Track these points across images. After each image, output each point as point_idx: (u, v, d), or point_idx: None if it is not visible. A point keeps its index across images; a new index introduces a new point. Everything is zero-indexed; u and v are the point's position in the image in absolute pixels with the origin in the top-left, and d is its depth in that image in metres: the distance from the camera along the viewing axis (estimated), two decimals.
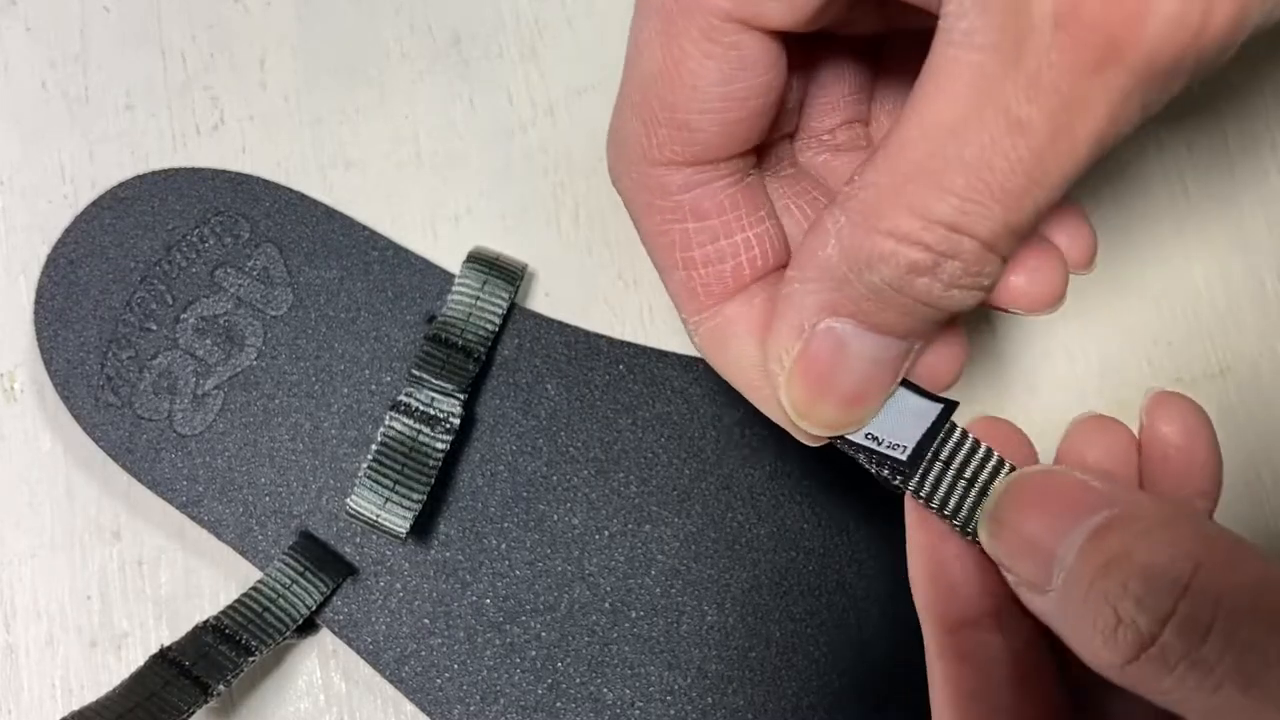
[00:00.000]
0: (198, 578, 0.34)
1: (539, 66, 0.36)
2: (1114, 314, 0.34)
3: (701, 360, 0.32)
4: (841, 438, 0.22)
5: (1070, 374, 0.33)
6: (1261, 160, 0.34)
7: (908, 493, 0.22)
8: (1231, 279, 0.34)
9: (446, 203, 0.36)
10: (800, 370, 0.21)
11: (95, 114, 0.37)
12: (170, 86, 0.37)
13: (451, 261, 0.34)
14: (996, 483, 0.21)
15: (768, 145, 0.25)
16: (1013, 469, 0.22)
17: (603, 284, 0.35)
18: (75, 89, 0.37)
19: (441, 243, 0.35)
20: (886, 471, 0.22)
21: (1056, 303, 0.22)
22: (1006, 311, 0.23)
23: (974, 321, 0.34)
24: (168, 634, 0.33)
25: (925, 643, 0.23)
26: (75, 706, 0.33)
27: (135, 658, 0.33)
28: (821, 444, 0.23)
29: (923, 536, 0.23)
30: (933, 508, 0.22)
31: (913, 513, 0.23)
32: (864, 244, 0.19)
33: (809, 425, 0.22)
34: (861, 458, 0.22)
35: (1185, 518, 0.19)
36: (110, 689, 0.29)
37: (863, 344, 0.21)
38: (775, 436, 0.32)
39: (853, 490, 0.32)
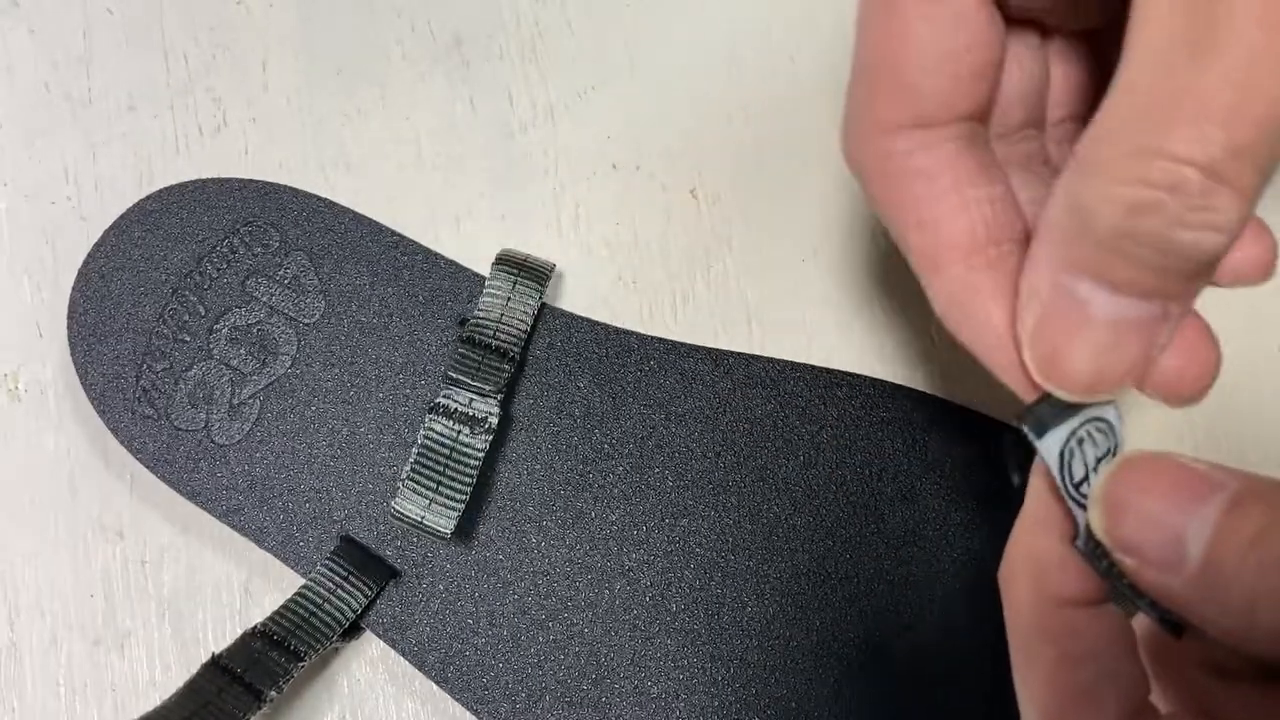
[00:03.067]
0: (201, 577, 0.34)
1: (539, 68, 0.36)
2: None
3: (732, 354, 0.33)
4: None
5: None
6: None
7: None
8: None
9: (447, 203, 0.36)
10: (1041, 329, 0.21)
11: (98, 115, 0.37)
12: (173, 88, 0.37)
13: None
14: (1104, 470, 0.21)
15: (1014, 137, 0.25)
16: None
17: (603, 284, 0.35)
18: (78, 90, 0.37)
19: (442, 244, 0.35)
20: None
21: (1210, 379, 0.22)
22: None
23: None
24: (170, 633, 0.34)
25: (1017, 614, 0.23)
26: (78, 705, 0.33)
27: (138, 656, 0.34)
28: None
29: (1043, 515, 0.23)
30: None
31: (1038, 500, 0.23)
32: (1083, 193, 0.19)
33: (1054, 387, 0.21)
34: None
35: None
36: (164, 699, 0.29)
37: (1103, 303, 0.20)
38: (808, 429, 0.32)
39: (885, 479, 0.32)
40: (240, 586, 0.34)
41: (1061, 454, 0.22)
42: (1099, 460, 0.22)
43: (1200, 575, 0.19)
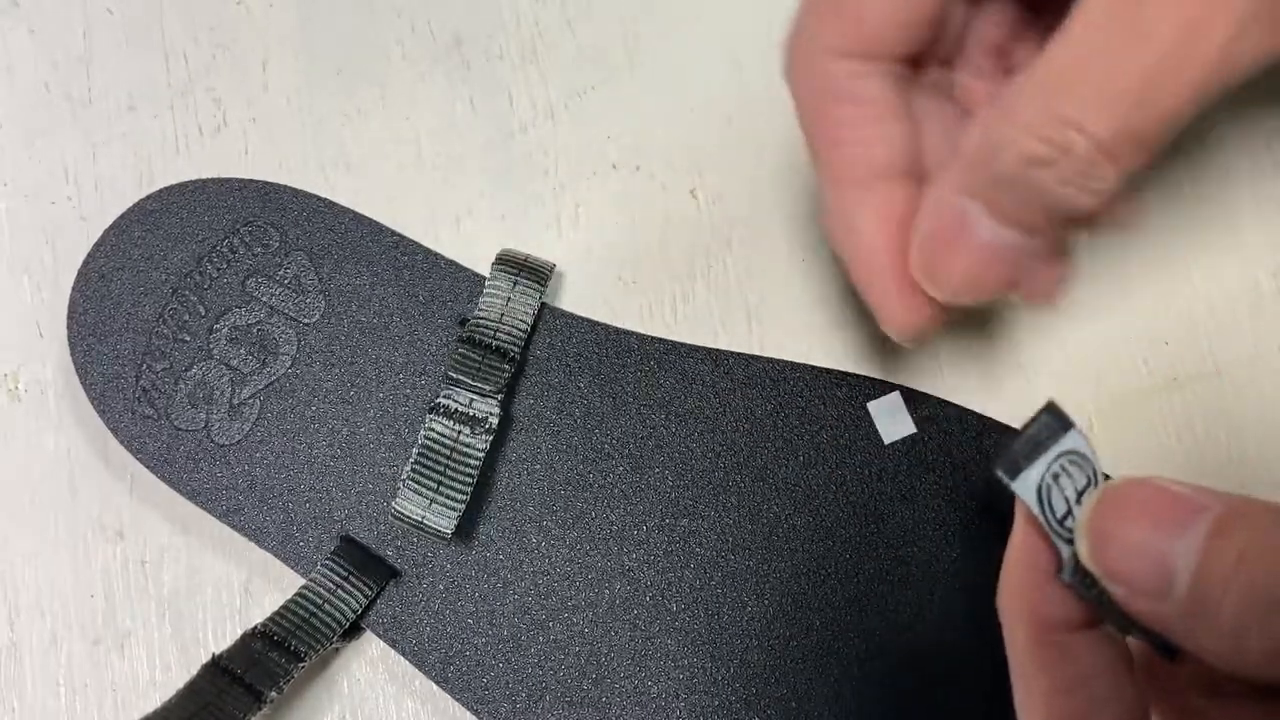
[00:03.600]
0: (200, 577, 0.34)
1: (539, 68, 0.36)
2: (1110, 313, 0.34)
3: (732, 354, 0.33)
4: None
5: (1067, 373, 0.34)
6: (1258, 159, 0.34)
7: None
8: (1227, 279, 0.34)
9: (447, 203, 0.36)
10: (931, 236, 0.24)
11: (98, 115, 0.37)
12: (173, 88, 0.37)
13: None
14: (1089, 499, 0.22)
15: (925, 67, 0.27)
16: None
17: (603, 284, 0.35)
18: (78, 90, 0.37)
19: (442, 244, 0.35)
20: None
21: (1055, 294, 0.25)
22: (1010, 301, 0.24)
23: (969, 321, 0.34)
24: (170, 632, 0.34)
25: (1014, 642, 0.23)
26: (78, 705, 0.33)
27: (138, 656, 0.34)
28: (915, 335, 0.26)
29: (1028, 541, 0.23)
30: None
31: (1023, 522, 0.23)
32: (995, 133, 0.22)
33: (928, 286, 0.25)
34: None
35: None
36: (165, 700, 0.29)
37: (984, 226, 0.23)
38: (809, 429, 0.32)
39: (885, 479, 0.32)
40: (240, 586, 0.34)
41: (1039, 491, 0.22)
42: (1080, 492, 0.22)
43: (1189, 600, 0.19)
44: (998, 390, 0.34)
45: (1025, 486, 0.22)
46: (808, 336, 0.35)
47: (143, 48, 0.37)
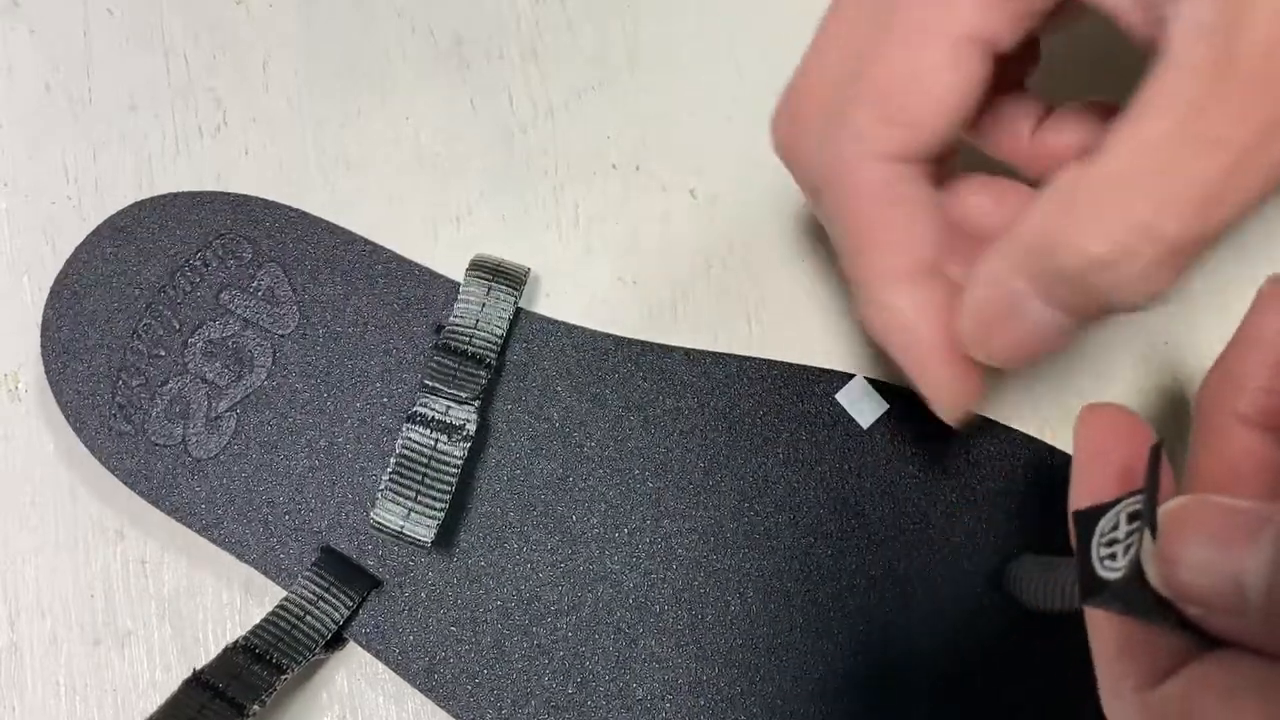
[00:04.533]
0: (201, 576, 0.34)
1: (539, 68, 0.36)
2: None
3: (709, 353, 0.33)
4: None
5: (1066, 371, 0.34)
6: None
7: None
8: (1227, 279, 0.34)
9: (447, 204, 0.36)
10: (978, 308, 0.24)
11: (98, 115, 0.37)
12: (173, 88, 0.37)
13: (452, 262, 0.34)
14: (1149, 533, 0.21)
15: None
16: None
17: (603, 285, 0.35)
18: (78, 90, 0.37)
19: (442, 244, 0.35)
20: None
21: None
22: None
23: None
24: (170, 632, 0.34)
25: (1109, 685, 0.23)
26: (78, 705, 0.33)
27: (138, 656, 0.34)
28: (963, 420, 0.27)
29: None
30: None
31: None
32: (1058, 229, 0.22)
33: (976, 354, 0.25)
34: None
35: None
36: (148, 715, 0.29)
37: (1038, 311, 0.23)
38: (787, 426, 0.32)
39: (865, 474, 0.32)
40: (240, 586, 0.34)
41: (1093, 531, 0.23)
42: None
43: (1265, 611, 0.19)
44: (998, 390, 0.34)
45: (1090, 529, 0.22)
46: (807, 336, 0.35)
47: (143, 48, 0.37)
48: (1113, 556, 0.22)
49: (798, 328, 0.35)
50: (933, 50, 0.24)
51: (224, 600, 0.34)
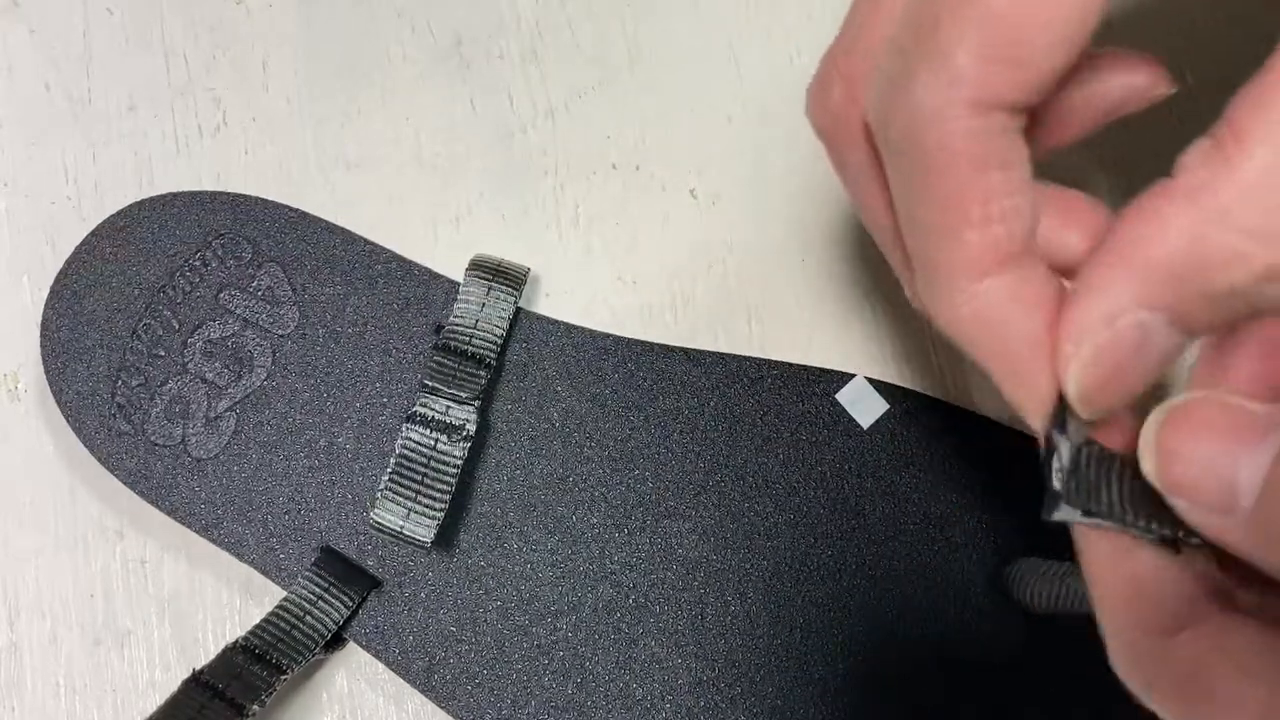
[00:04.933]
0: (201, 576, 0.34)
1: (540, 68, 0.36)
2: None
3: (709, 353, 0.33)
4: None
5: None
6: None
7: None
8: None
9: (447, 204, 0.36)
10: (1099, 357, 0.20)
11: (98, 115, 0.37)
12: (173, 88, 0.37)
13: (452, 262, 0.34)
14: (1154, 413, 0.20)
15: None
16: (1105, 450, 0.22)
17: (603, 284, 0.35)
18: (78, 90, 0.37)
19: (441, 244, 0.35)
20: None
21: None
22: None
23: None
24: (170, 632, 0.34)
25: (1158, 679, 0.22)
26: (78, 705, 0.33)
27: (138, 656, 0.34)
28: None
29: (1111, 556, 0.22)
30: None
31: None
32: (1217, 242, 0.18)
33: (1084, 409, 0.21)
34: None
35: None
36: (147, 715, 0.29)
37: (1166, 339, 0.20)
38: (787, 426, 0.32)
39: (865, 474, 0.32)
40: (240, 586, 0.34)
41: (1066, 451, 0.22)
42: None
43: (1253, 516, 0.19)
44: (992, 390, 0.34)
45: (1067, 454, 0.21)
46: (807, 336, 0.35)
47: (143, 48, 0.37)
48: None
49: (798, 328, 0.35)
50: None
51: (224, 600, 0.34)
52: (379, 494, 0.30)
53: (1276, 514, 0.19)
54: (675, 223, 0.36)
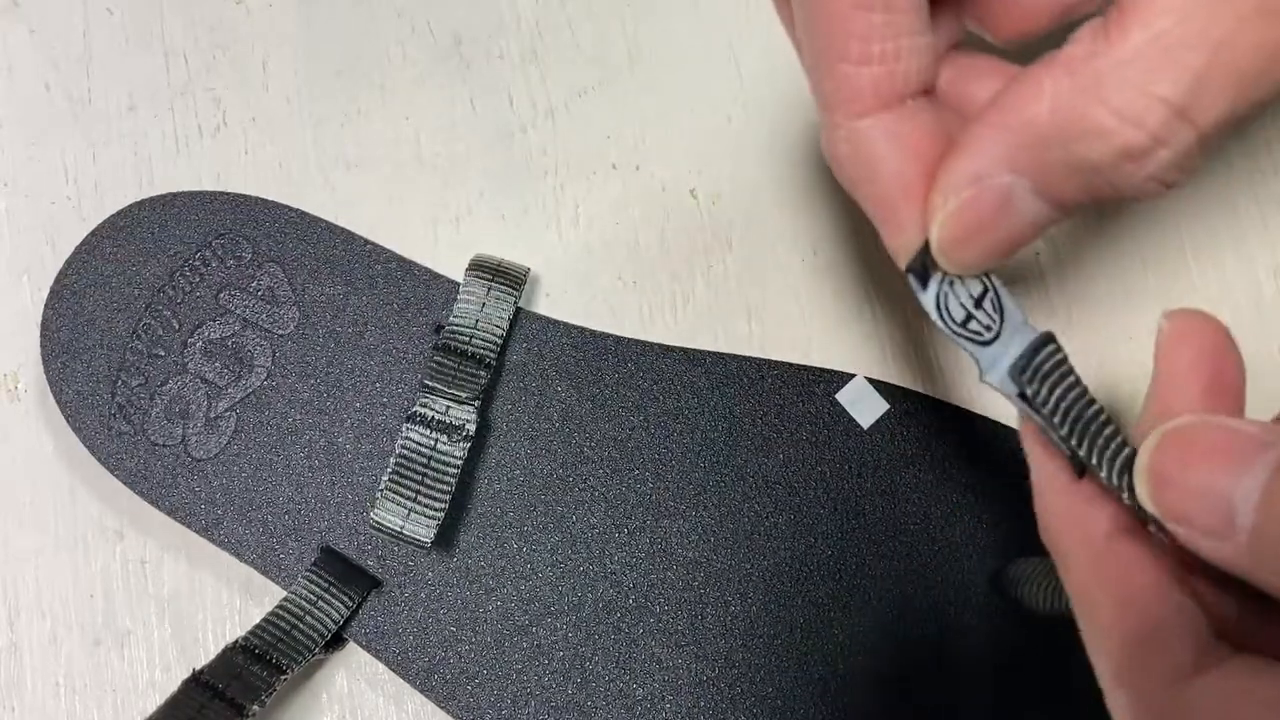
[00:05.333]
0: (201, 576, 0.34)
1: (540, 68, 0.36)
2: (1109, 313, 0.34)
3: (709, 353, 0.33)
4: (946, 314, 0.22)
5: None
6: (1257, 160, 0.34)
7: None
8: (1227, 279, 0.34)
9: (447, 204, 0.36)
10: (962, 212, 0.21)
11: (98, 115, 0.37)
12: (173, 88, 0.37)
13: (452, 262, 0.34)
14: (1148, 440, 0.21)
15: None
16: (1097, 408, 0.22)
17: (603, 284, 0.35)
18: (78, 90, 0.37)
19: (441, 244, 0.35)
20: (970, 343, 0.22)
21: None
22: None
23: None
24: (170, 632, 0.34)
25: (1074, 568, 0.22)
26: (78, 705, 0.33)
27: (138, 656, 0.34)
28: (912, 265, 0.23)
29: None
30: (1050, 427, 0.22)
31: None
32: (1084, 114, 0.19)
33: (945, 260, 0.22)
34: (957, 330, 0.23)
35: None
36: (147, 715, 0.29)
37: (1028, 205, 0.20)
38: (787, 426, 0.32)
39: (865, 473, 0.32)
40: (240, 586, 0.34)
41: (937, 300, 0.22)
42: (976, 299, 0.22)
43: (1251, 540, 0.19)
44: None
45: (928, 297, 0.22)
46: (807, 336, 0.35)
47: (143, 48, 0.37)
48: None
49: (798, 328, 0.35)
50: None
51: (224, 600, 0.34)
52: (379, 494, 0.30)
53: (1272, 535, 0.18)
54: (675, 223, 0.36)
